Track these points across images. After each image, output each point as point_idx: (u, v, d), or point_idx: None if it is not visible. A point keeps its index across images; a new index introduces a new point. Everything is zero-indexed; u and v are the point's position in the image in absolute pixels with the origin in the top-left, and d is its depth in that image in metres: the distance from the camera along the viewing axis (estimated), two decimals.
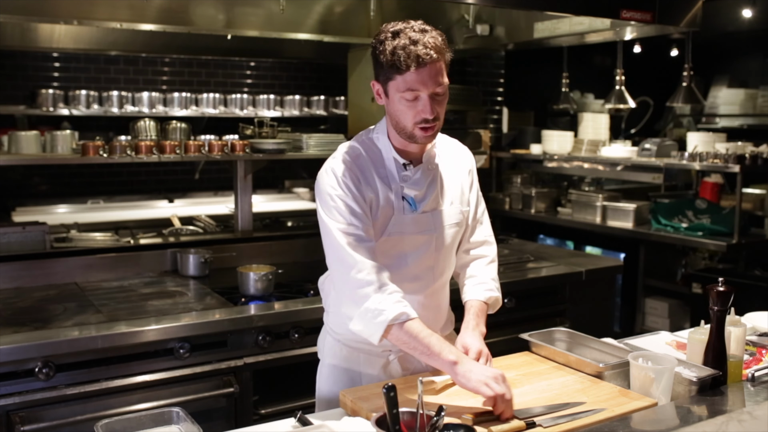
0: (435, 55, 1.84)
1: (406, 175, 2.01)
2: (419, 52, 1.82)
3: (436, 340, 1.85)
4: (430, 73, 1.84)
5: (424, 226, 2.03)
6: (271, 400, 2.97)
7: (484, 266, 2.21)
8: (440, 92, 1.89)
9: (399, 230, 2.00)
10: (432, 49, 1.84)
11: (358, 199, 1.93)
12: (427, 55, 1.83)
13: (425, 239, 2.04)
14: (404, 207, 2.01)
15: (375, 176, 1.99)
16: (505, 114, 6.28)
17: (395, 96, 1.89)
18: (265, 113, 5.50)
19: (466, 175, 2.16)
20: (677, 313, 5.05)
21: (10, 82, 5.14)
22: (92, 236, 3.69)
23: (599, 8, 3.46)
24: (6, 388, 2.47)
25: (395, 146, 2.02)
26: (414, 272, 2.05)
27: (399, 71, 1.84)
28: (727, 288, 1.95)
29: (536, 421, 1.73)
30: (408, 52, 1.83)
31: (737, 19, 7.13)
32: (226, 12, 3.57)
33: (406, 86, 1.85)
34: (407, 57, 1.82)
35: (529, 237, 5.37)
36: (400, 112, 1.91)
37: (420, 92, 1.86)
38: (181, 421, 1.78)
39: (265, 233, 4.00)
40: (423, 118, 1.88)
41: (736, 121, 7.67)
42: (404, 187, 2.01)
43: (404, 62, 1.82)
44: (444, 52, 1.89)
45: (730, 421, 1.74)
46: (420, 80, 1.84)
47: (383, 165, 2.01)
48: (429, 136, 1.94)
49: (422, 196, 2.03)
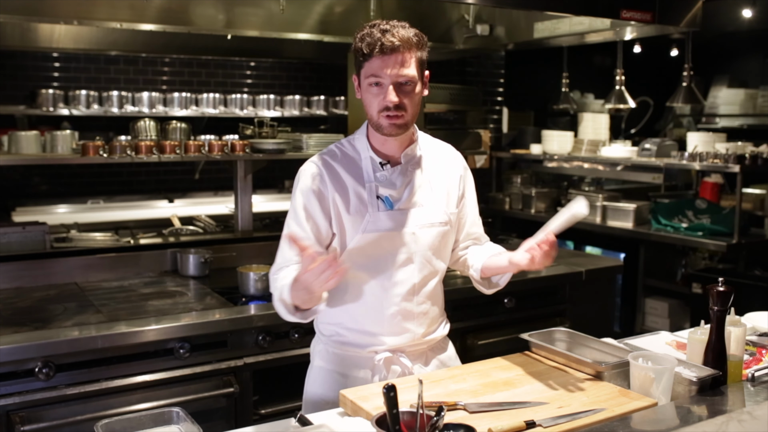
0: (398, 43, 1.91)
1: (383, 174, 2.05)
2: (383, 40, 1.91)
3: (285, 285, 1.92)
4: (394, 61, 1.92)
5: (401, 224, 2.04)
6: (271, 400, 2.97)
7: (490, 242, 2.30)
8: (403, 82, 1.94)
9: (374, 228, 2.02)
10: (398, 39, 1.92)
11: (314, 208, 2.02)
12: (389, 42, 1.91)
13: (403, 237, 2.05)
14: (379, 205, 2.03)
15: (347, 176, 2.04)
16: (505, 114, 6.28)
17: (364, 83, 1.98)
18: (265, 113, 5.50)
19: (455, 180, 2.16)
20: (677, 313, 5.05)
21: (10, 82, 5.14)
22: (92, 236, 3.69)
23: (599, 8, 3.46)
24: (6, 388, 2.47)
25: (373, 146, 2.07)
26: (395, 270, 2.05)
27: (365, 57, 1.94)
28: (727, 288, 1.95)
29: (536, 421, 1.73)
30: (373, 38, 1.92)
31: (737, 19, 7.13)
32: (226, 12, 3.57)
33: (371, 72, 1.94)
34: (372, 43, 1.92)
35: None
36: (368, 102, 1.99)
37: (382, 79, 1.93)
38: (181, 421, 1.78)
39: (265, 233, 4.00)
40: (385, 105, 1.94)
41: (736, 121, 7.68)
42: (378, 185, 2.04)
43: (368, 47, 1.92)
44: (412, 46, 1.95)
45: (730, 421, 1.74)
46: (382, 66, 1.92)
47: (358, 164, 2.07)
48: (394, 126, 1.98)
49: (399, 196, 2.06)
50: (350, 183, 2.04)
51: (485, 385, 1.97)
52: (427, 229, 2.07)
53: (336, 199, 2.02)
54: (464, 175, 2.20)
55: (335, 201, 2.02)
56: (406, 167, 2.07)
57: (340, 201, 2.02)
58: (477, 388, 1.94)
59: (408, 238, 2.05)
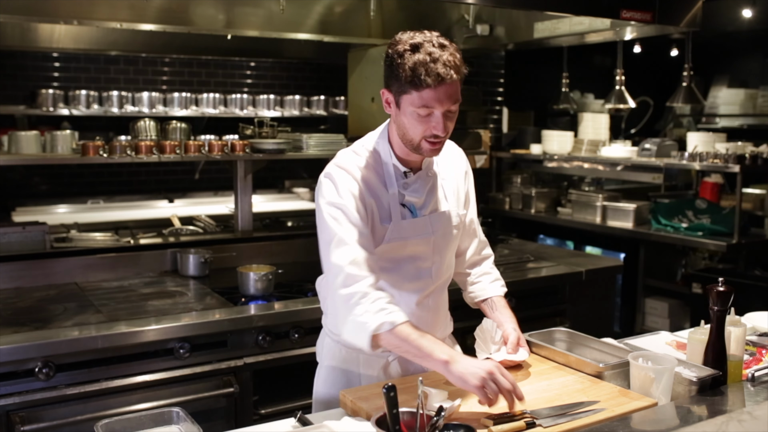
0: (454, 75, 1.82)
1: (406, 182, 2.02)
2: (439, 71, 1.80)
3: (427, 342, 1.81)
4: (448, 91, 1.83)
5: (423, 230, 2.04)
6: (271, 400, 2.97)
7: (492, 264, 2.30)
8: (454, 110, 1.89)
9: (399, 236, 2.00)
10: (452, 68, 1.82)
11: (358, 208, 1.92)
12: (447, 75, 1.80)
13: (424, 242, 2.05)
14: (404, 214, 2.01)
15: (376, 182, 1.98)
16: (505, 114, 6.28)
17: (408, 109, 1.87)
18: (265, 113, 5.50)
19: (462, 177, 2.17)
20: (677, 313, 5.05)
21: (10, 82, 5.14)
22: (92, 236, 3.68)
23: (599, 8, 3.46)
24: (6, 388, 2.47)
25: (396, 154, 2.01)
26: (413, 274, 2.06)
27: (416, 87, 1.81)
28: (727, 288, 1.95)
29: (536, 421, 1.73)
30: (428, 69, 1.80)
31: (737, 19, 7.13)
32: (226, 12, 3.57)
33: (422, 102, 1.83)
34: (427, 74, 1.79)
35: (529, 237, 5.37)
36: (411, 126, 1.89)
37: (435, 109, 1.84)
38: (181, 421, 1.78)
39: (265, 233, 4.00)
40: (434, 134, 1.88)
41: (736, 121, 7.67)
42: (405, 194, 2.01)
43: (424, 80, 1.80)
44: (461, 71, 1.87)
45: (730, 421, 1.74)
46: (437, 98, 1.82)
47: (383, 172, 2.00)
48: (435, 150, 1.94)
49: (422, 203, 2.04)
50: (378, 188, 1.99)
51: None
52: (445, 232, 2.08)
53: (371, 202, 1.96)
54: (468, 172, 2.21)
55: (371, 204, 1.96)
56: (425, 173, 2.06)
57: (374, 207, 1.97)
58: None
59: (428, 244, 2.05)
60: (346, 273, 1.85)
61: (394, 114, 1.94)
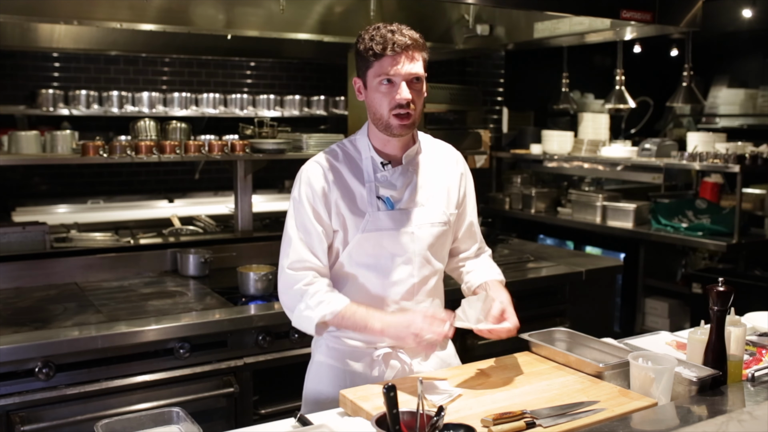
0: (409, 42, 1.94)
1: (383, 174, 2.06)
2: (395, 39, 1.94)
3: (361, 317, 1.98)
4: (405, 58, 1.94)
5: (400, 224, 2.05)
6: (271, 400, 2.97)
7: (489, 257, 2.31)
8: (419, 87, 1.98)
9: (374, 227, 2.03)
10: (408, 38, 1.95)
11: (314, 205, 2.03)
12: (400, 40, 1.93)
13: (403, 237, 2.05)
14: (379, 205, 2.04)
15: (349, 175, 2.06)
16: (505, 114, 6.29)
17: (373, 83, 1.98)
18: (265, 113, 5.50)
19: (456, 179, 2.17)
20: (677, 313, 5.05)
21: (10, 82, 5.15)
22: (92, 236, 3.69)
23: (599, 8, 3.46)
24: (6, 388, 2.47)
25: (375, 146, 2.08)
26: (395, 273, 2.06)
27: (376, 56, 1.94)
28: (727, 288, 1.95)
29: (536, 421, 1.73)
30: (385, 37, 1.94)
31: (737, 19, 7.13)
32: (226, 12, 3.57)
33: (382, 70, 1.94)
34: (384, 41, 1.94)
35: (529, 237, 5.37)
36: (377, 101, 1.98)
37: (394, 77, 1.94)
38: (181, 421, 1.78)
39: (265, 233, 4.00)
40: (398, 102, 1.95)
41: (736, 121, 7.67)
42: (380, 186, 2.05)
43: (380, 45, 1.93)
44: (420, 46, 1.98)
45: (730, 421, 1.74)
46: (393, 64, 1.94)
47: (359, 165, 2.07)
48: (404, 126, 1.99)
49: (399, 196, 2.07)
50: (352, 182, 2.05)
51: (485, 385, 1.96)
52: (427, 228, 2.08)
53: (338, 198, 2.03)
54: (465, 175, 2.21)
55: (338, 200, 2.03)
56: (407, 168, 2.09)
57: (342, 200, 2.03)
58: (477, 388, 1.94)
59: (407, 237, 2.06)
60: (287, 274, 2.03)
61: (366, 98, 2.04)
